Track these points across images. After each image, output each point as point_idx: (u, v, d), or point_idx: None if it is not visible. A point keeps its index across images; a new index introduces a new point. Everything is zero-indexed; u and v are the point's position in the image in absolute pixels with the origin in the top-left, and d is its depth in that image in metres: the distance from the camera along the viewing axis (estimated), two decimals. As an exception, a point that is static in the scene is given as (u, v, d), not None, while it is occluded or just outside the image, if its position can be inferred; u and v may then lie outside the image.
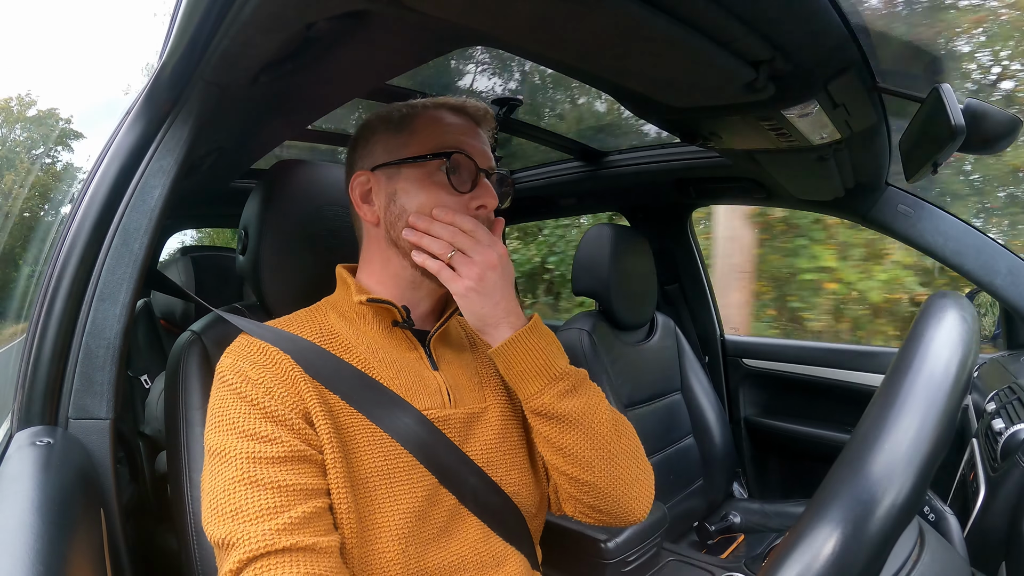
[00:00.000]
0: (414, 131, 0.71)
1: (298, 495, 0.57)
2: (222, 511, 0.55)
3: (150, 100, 0.77)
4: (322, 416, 0.61)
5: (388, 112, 0.74)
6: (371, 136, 0.74)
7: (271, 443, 0.58)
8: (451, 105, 0.74)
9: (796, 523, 0.36)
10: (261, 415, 0.59)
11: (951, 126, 0.80)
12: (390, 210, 0.71)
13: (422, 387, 0.70)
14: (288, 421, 0.59)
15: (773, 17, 0.66)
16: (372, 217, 0.73)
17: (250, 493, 0.55)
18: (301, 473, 0.58)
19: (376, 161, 0.72)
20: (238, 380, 0.61)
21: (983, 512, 0.85)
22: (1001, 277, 1.29)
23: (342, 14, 0.64)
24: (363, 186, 0.73)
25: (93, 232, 0.72)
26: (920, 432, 0.36)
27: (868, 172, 1.34)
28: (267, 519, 0.54)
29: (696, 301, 2.08)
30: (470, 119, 0.74)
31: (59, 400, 0.68)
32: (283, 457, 0.58)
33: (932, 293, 0.49)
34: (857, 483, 0.35)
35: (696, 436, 1.72)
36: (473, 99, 0.75)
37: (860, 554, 0.33)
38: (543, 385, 0.68)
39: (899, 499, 0.34)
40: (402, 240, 0.70)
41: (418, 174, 0.70)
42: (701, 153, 1.56)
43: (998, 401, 1.05)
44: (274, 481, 0.56)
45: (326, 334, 0.70)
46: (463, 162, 0.70)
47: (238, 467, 0.56)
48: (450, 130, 0.71)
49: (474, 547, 0.68)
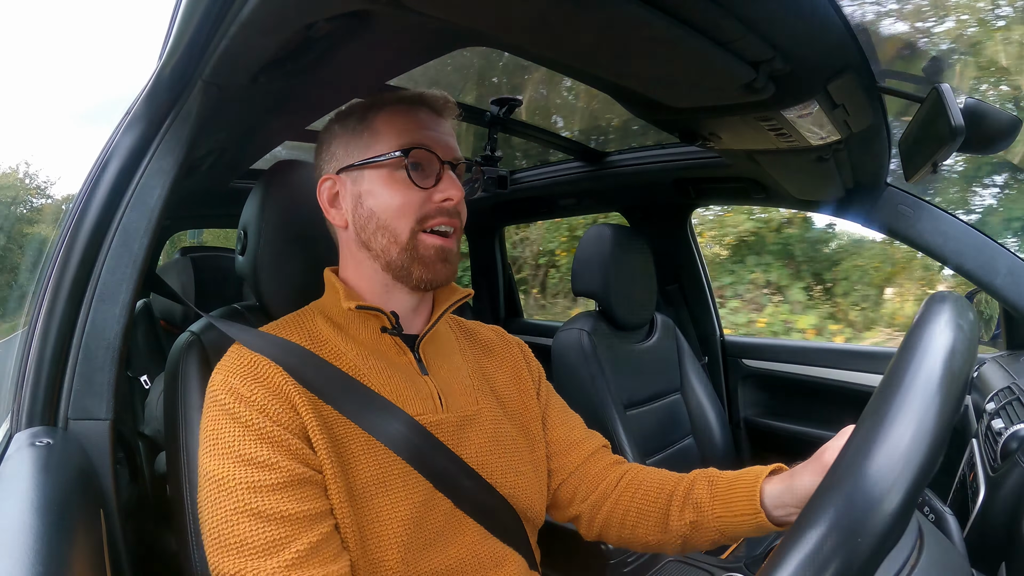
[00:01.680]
0: (374, 131, 0.70)
1: (302, 523, 0.56)
2: (226, 543, 0.55)
3: (150, 100, 0.77)
4: (318, 429, 0.61)
5: (347, 112, 0.73)
6: (332, 139, 0.73)
7: (269, 469, 0.57)
8: (409, 98, 0.72)
9: (795, 523, 0.36)
10: (256, 438, 0.58)
11: (951, 126, 0.80)
12: (358, 213, 0.70)
13: (413, 392, 0.69)
14: (284, 442, 0.59)
15: (773, 17, 0.66)
16: (341, 221, 0.72)
17: (253, 525, 0.55)
18: (303, 499, 0.57)
19: (339, 164, 0.71)
20: (230, 399, 0.60)
21: (983, 512, 0.85)
22: (1001, 277, 1.29)
23: (342, 14, 0.64)
24: (330, 190, 0.72)
25: (93, 232, 0.72)
26: (918, 433, 0.36)
27: (868, 172, 1.34)
28: (274, 554, 0.54)
29: (696, 301, 2.08)
30: (430, 110, 0.72)
31: (59, 401, 0.68)
32: (283, 483, 0.57)
33: (932, 293, 0.49)
34: (855, 484, 0.35)
35: (696, 436, 1.72)
36: (433, 89, 0.74)
37: (858, 555, 0.33)
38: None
39: (897, 499, 0.34)
40: (373, 243, 0.69)
41: (380, 174, 0.69)
42: (701, 153, 1.56)
43: (998, 401, 1.05)
44: (277, 511, 0.55)
45: (316, 340, 0.69)
46: (424, 156, 0.68)
47: (239, 497, 0.56)
48: (409, 126, 0.69)
49: (472, 550, 0.68)
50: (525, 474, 0.75)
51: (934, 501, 0.83)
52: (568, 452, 0.83)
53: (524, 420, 0.80)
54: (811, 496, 0.37)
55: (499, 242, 2.60)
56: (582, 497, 0.82)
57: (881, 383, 0.41)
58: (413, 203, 0.68)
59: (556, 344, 1.56)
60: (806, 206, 1.63)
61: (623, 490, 0.80)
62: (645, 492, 0.78)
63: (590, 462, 0.83)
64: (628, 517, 0.78)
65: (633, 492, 0.79)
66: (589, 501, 0.81)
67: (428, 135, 0.69)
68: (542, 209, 2.29)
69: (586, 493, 0.81)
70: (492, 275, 2.60)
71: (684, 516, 0.73)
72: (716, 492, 0.72)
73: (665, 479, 0.79)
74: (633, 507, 0.78)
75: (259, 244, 0.81)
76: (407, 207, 0.68)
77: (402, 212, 0.68)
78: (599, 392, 1.46)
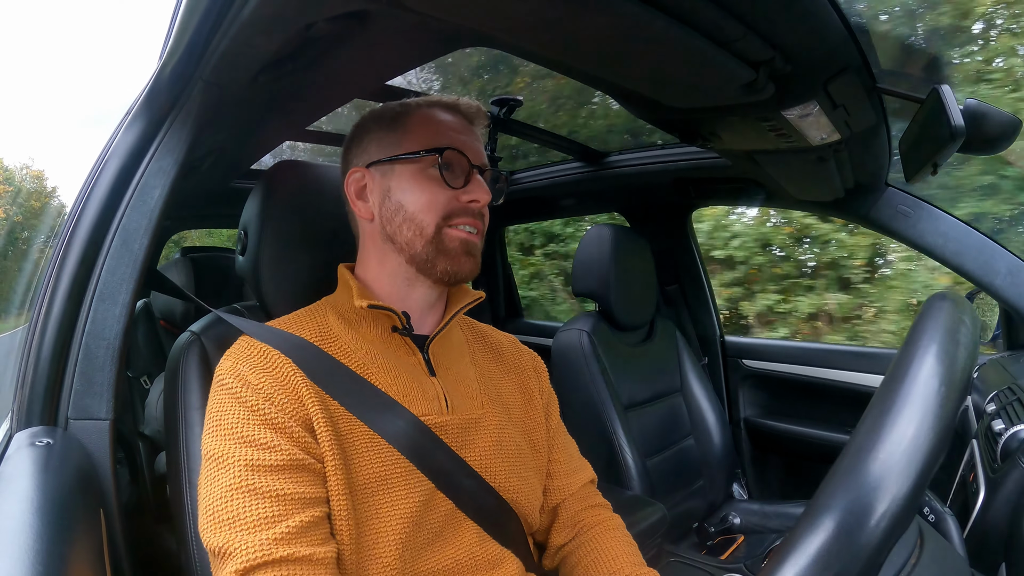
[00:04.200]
0: (408, 129, 0.71)
1: (295, 504, 0.56)
2: (219, 518, 0.55)
3: (150, 100, 0.77)
4: (323, 423, 0.61)
5: (382, 111, 0.75)
6: (365, 134, 0.74)
7: (270, 450, 0.57)
8: (444, 103, 0.75)
9: (795, 524, 0.36)
10: (260, 421, 0.59)
11: (951, 127, 0.80)
12: (385, 206, 0.71)
13: (420, 393, 0.70)
14: (287, 428, 0.59)
15: (773, 17, 0.67)
16: (367, 213, 0.73)
17: (247, 501, 0.55)
18: (299, 482, 0.58)
19: (371, 158, 0.72)
20: (238, 384, 0.61)
21: (983, 513, 0.85)
22: (1001, 277, 1.29)
23: (342, 14, 0.64)
24: (358, 183, 0.73)
25: (93, 232, 0.72)
26: (919, 434, 0.36)
27: (868, 173, 1.34)
28: (264, 529, 0.54)
29: (696, 302, 2.08)
30: (463, 117, 0.75)
31: (59, 400, 0.68)
32: (281, 465, 0.57)
33: (932, 294, 0.49)
34: (856, 484, 0.35)
35: (696, 437, 1.72)
36: (466, 98, 0.76)
37: (859, 555, 0.33)
38: None
39: (898, 500, 0.34)
40: (398, 236, 0.70)
41: (412, 170, 0.70)
42: (701, 154, 1.56)
43: (998, 402, 1.05)
44: (272, 490, 0.56)
45: (326, 336, 0.70)
46: (456, 158, 0.70)
47: (236, 474, 0.56)
48: (443, 128, 0.72)
49: (469, 551, 0.68)
50: (528, 480, 0.76)
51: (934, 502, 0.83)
52: (565, 477, 0.84)
53: (527, 428, 0.81)
54: (812, 497, 0.37)
55: (499, 242, 2.60)
56: (558, 528, 0.83)
57: (882, 384, 0.40)
58: (441, 200, 0.69)
59: (556, 345, 1.56)
60: (806, 206, 1.63)
61: (587, 540, 0.81)
62: (597, 558, 0.79)
63: (579, 497, 0.85)
64: (577, 570, 0.80)
65: (593, 547, 0.81)
66: (561, 536, 0.83)
67: (461, 139, 0.71)
68: (542, 209, 2.29)
69: (562, 525, 0.83)
70: (492, 275, 2.60)
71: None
72: None
73: (618, 556, 0.79)
74: (587, 560, 0.79)
75: (259, 244, 0.81)
76: (435, 203, 0.69)
77: (430, 207, 0.69)
78: (599, 393, 1.46)
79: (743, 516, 1.61)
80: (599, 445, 1.43)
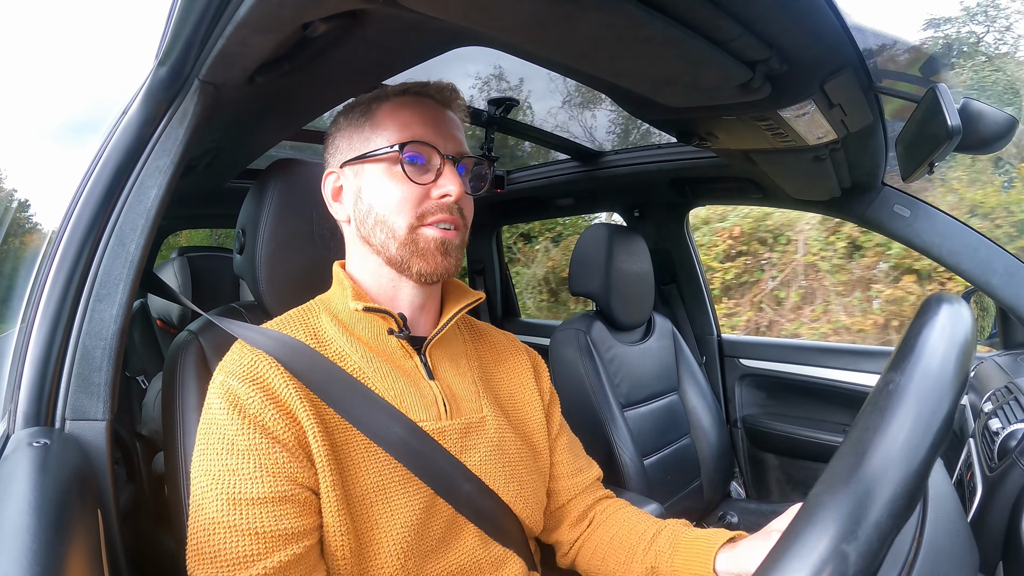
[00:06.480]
0: (376, 123, 0.69)
1: (276, 541, 0.56)
2: (203, 551, 0.55)
3: (146, 100, 0.77)
4: (319, 435, 0.60)
5: (353, 105, 0.72)
6: (337, 131, 0.72)
7: (252, 482, 0.57)
8: (415, 90, 0.71)
9: (791, 524, 0.36)
10: (246, 448, 0.58)
11: (948, 126, 0.80)
12: (358, 208, 0.69)
13: (418, 397, 0.68)
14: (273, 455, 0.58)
15: (769, 17, 0.67)
16: (343, 215, 0.71)
17: (229, 537, 0.55)
18: (281, 516, 0.57)
19: (343, 158, 0.71)
20: (227, 405, 0.59)
21: (980, 512, 0.86)
22: (998, 277, 1.29)
23: (339, 14, 0.64)
24: (333, 184, 0.72)
25: (89, 232, 0.71)
26: (915, 433, 0.36)
27: (864, 172, 1.34)
28: (243, 568, 0.54)
29: (693, 301, 2.08)
30: (435, 102, 0.71)
31: (55, 401, 0.67)
32: (264, 498, 0.56)
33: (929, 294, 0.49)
34: (852, 483, 0.35)
35: (693, 436, 1.72)
36: (439, 80, 0.72)
37: (856, 555, 0.33)
38: None
39: (894, 500, 0.34)
40: (372, 239, 0.68)
41: (379, 168, 0.68)
42: (698, 153, 1.57)
43: (995, 401, 1.05)
44: (252, 527, 0.55)
45: (320, 340, 0.68)
46: (423, 151, 0.67)
47: (219, 508, 0.56)
48: (411, 119, 0.68)
49: (472, 554, 0.68)
50: (528, 483, 0.75)
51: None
52: (571, 478, 0.83)
53: (527, 430, 0.80)
54: (807, 498, 0.37)
55: (496, 242, 2.60)
56: (569, 525, 0.83)
57: (878, 383, 0.40)
58: (410, 199, 0.67)
59: (554, 344, 1.56)
60: (803, 206, 1.63)
61: (601, 522, 0.82)
62: (619, 527, 0.79)
63: (586, 494, 0.84)
64: (599, 548, 0.79)
65: (609, 526, 0.80)
66: (574, 531, 0.82)
67: (430, 128, 0.68)
68: (539, 209, 2.29)
69: (573, 522, 0.83)
70: (489, 275, 2.60)
71: (646, 560, 0.74)
72: (678, 545, 0.73)
73: (639, 520, 0.80)
74: (605, 539, 0.79)
75: (257, 243, 0.80)
76: (404, 203, 0.67)
77: (400, 208, 0.67)
78: (597, 392, 1.46)
79: (740, 515, 1.62)
80: (596, 444, 1.43)
